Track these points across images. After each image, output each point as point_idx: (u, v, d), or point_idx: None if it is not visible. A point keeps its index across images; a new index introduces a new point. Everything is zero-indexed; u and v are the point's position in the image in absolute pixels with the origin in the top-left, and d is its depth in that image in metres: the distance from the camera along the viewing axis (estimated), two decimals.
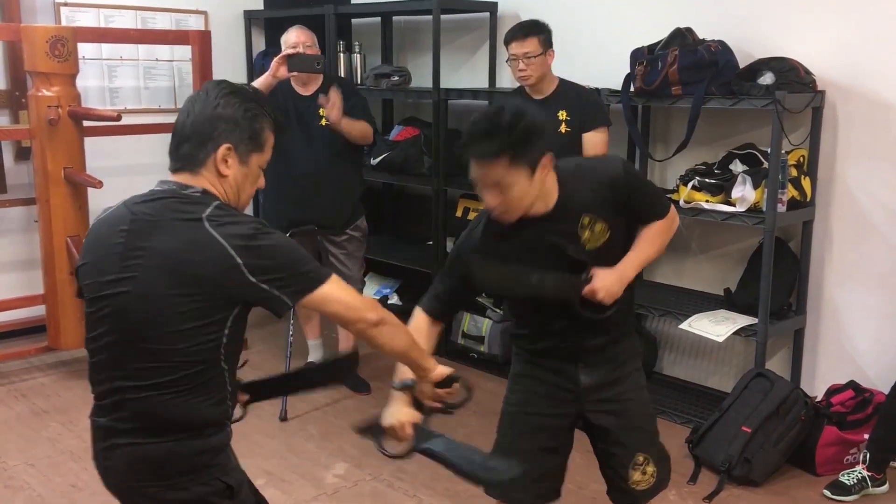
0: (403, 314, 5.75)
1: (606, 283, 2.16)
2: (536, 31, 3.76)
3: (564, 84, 3.90)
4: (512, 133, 2.02)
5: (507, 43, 3.81)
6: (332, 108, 3.88)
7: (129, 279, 1.76)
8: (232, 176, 1.85)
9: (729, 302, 3.90)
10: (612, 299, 2.17)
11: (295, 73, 3.94)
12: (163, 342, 1.74)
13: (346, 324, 1.89)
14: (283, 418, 4.01)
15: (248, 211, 5.79)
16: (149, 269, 1.74)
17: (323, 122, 4.06)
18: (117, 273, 1.77)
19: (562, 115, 3.82)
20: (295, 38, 4.05)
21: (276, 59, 3.88)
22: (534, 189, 2.09)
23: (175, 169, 1.86)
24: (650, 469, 2.32)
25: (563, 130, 3.81)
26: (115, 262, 1.78)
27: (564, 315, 2.22)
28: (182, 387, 1.76)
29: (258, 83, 3.94)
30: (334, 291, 1.83)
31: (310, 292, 1.80)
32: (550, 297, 2.19)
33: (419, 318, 2.30)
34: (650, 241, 2.28)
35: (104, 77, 5.24)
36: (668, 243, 2.34)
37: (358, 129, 4.03)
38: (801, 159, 3.70)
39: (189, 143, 1.83)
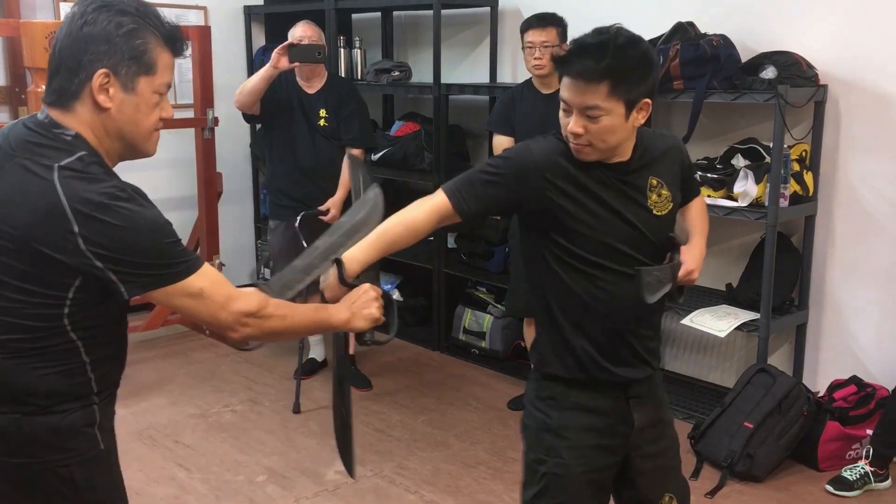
0: (405, 310, 5.65)
1: (697, 262, 1.96)
2: (555, 22, 3.79)
3: None
4: (623, 58, 1.75)
5: (524, 31, 3.81)
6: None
7: None
8: (116, 108, 1.52)
9: (731, 297, 3.89)
10: (696, 280, 1.98)
11: (297, 64, 3.94)
12: None
13: (213, 325, 1.59)
14: (297, 411, 4.02)
15: (249, 199, 5.85)
16: None
17: (322, 122, 4.11)
18: None
19: None
20: (301, 33, 4.07)
21: (276, 50, 3.89)
22: (624, 131, 1.82)
23: (49, 102, 1.54)
24: None
25: None
26: None
27: (633, 313, 1.93)
28: (22, 349, 1.52)
29: (259, 75, 3.95)
30: (197, 286, 1.53)
31: (160, 287, 1.51)
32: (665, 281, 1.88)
33: (437, 202, 1.88)
34: (703, 216, 2.10)
35: None
36: None
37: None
38: (804, 154, 3.69)
39: (59, 76, 1.51)
